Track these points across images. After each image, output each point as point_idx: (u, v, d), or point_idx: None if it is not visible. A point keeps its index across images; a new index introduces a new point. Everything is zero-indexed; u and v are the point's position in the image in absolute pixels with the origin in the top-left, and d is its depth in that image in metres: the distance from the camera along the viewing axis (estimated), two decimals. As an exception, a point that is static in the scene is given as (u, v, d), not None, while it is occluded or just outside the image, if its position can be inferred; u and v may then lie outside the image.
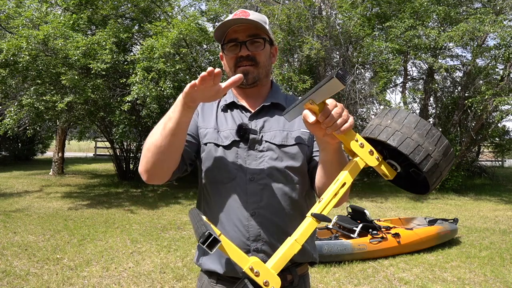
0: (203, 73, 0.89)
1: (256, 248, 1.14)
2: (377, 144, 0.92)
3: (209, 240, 0.76)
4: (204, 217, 0.88)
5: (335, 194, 0.92)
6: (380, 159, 0.91)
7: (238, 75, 0.95)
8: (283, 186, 1.16)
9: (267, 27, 1.21)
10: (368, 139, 0.92)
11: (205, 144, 1.21)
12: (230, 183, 1.16)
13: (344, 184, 0.92)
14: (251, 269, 0.87)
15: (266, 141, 1.18)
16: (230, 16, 1.19)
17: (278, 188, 1.15)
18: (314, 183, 1.20)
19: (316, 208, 0.92)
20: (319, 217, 0.90)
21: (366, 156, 0.90)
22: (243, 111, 1.24)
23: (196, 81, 0.90)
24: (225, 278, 1.19)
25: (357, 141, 0.90)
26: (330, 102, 0.88)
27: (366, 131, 0.94)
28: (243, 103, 1.26)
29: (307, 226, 0.91)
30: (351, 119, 0.89)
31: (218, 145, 1.19)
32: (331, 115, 0.87)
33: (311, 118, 0.89)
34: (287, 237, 1.14)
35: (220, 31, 1.20)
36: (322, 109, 0.86)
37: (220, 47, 1.28)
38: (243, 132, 1.17)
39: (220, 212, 1.16)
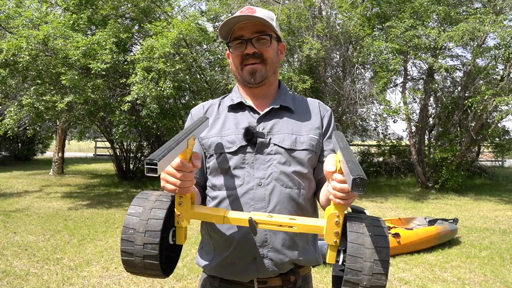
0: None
1: (262, 254, 1.12)
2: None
3: (151, 167, 0.76)
4: (179, 146, 0.88)
5: (280, 225, 0.95)
6: (336, 244, 0.93)
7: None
8: (290, 191, 1.13)
9: (274, 23, 1.18)
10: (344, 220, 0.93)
11: (212, 154, 1.18)
12: (238, 189, 1.14)
13: (292, 227, 0.95)
14: (180, 198, 0.96)
15: (274, 144, 1.15)
16: (236, 13, 1.16)
17: (286, 193, 1.13)
18: (318, 191, 1.20)
19: (259, 216, 0.96)
20: (250, 225, 0.95)
21: (329, 231, 0.92)
22: (251, 112, 1.21)
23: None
24: (227, 281, 1.18)
25: (338, 216, 0.91)
26: None
27: (350, 216, 0.94)
28: (251, 103, 1.22)
29: (240, 217, 0.97)
30: (350, 201, 0.89)
31: (224, 153, 1.16)
32: (342, 185, 0.87)
33: (329, 168, 0.90)
34: (293, 243, 1.14)
35: (225, 29, 1.17)
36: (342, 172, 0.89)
37: (226, 45, 1.25)
38: (250, 136, 1.14)
39: None
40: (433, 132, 11.64)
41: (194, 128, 1.01)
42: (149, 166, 0.76)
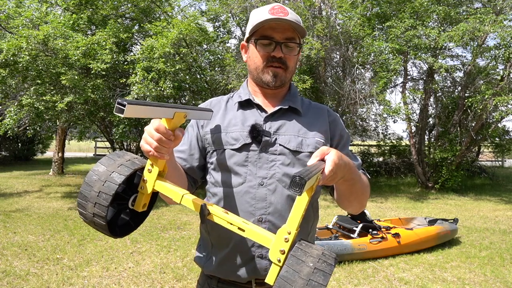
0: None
1: (261, 254, 1.12)
2: None
3: (120, 107, 0.79)
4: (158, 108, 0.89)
5: (231, 224, 0.93)
6: (279, 264, 0.86)
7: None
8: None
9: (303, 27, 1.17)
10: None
11: (215, 150, 1.18)
12: (239, 187, 1.13)
13: (243, 230, 0.92)
14: (151, 165, 0.97)
15: (280, 145, 1.15)
16: (268, 10, 1.13)
17: (287, 195, 1.12)
18: (333, 192, 1.20)
19: (215, 208, 0.95)
20: (201, 211, 0.93)
21: (275, 247, 0.87)
22: (259, 111, 1.20)
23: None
24: (225, 282, 1.18)
25: (289, 233, 0.86)
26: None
27: (304, 241, 0.87)
28: (259, 101, 1.22)
29: (195, 201, 0.95)
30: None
31: (227, 149, 1.16)
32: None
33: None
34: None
35: (256, 25, 1.13)
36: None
37: (246, 37, 1.22)
38: (256, 134, 1.14)
39: None
40: (433, 132, 11.64)
41: (192, 108, 1.02)
42: (119, 106, 0.79)
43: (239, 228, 0.91)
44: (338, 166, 0.90)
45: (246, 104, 1.22)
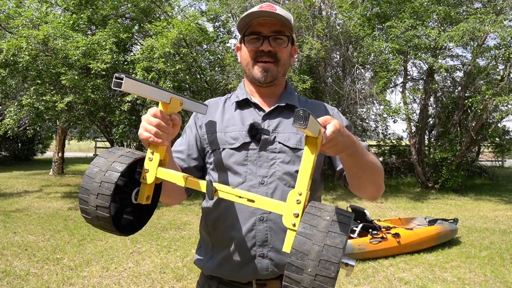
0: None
1: (262, 253, 1.11)
2: None
3: (118, 81, 0.81)
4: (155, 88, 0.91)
5: (239, 197, 0.91)
6: (295, 228, 0.82)
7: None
8: None
9: (292, 25, 1.18)
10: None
11: (214, 150, 1.18)
12: (239, 186, 1.13)
13: (253, 201, 0.89)
14: (152, 153, 0.96)
15: (279, 143, 1.14)
16: (256, 8, 1.14)
17: (288, 193, 1.13)
18: (344, 181, 1.19)
19: (221, 185, 0.94)
20: (207, 188, 0.92)
21: (288, 211, 0.83)
22: (257, 110, 1.20)
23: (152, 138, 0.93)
24: (226, 282, 1.18)
25: (300, 194, 0.83)
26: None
27: (315, 202, 0.84)
28: (257, 101, 1.22)
29: (199, 181, 0.95)
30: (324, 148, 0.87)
31: (226, 149, 1.16)
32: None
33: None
34: None
35: (244, 21, 1.15)
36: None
37: (239, 38, 1.23)
38: (255, 132, 1.14)
39: (227, 216, 1.13)
40: (433, 132, 11.64)
41: (189, 99, 1.03)
42: (117, 80, 0.81)
43: (248, 200, 0.90)
44: (339, 132, 0.87)
45: (244, 104, 1.22)
